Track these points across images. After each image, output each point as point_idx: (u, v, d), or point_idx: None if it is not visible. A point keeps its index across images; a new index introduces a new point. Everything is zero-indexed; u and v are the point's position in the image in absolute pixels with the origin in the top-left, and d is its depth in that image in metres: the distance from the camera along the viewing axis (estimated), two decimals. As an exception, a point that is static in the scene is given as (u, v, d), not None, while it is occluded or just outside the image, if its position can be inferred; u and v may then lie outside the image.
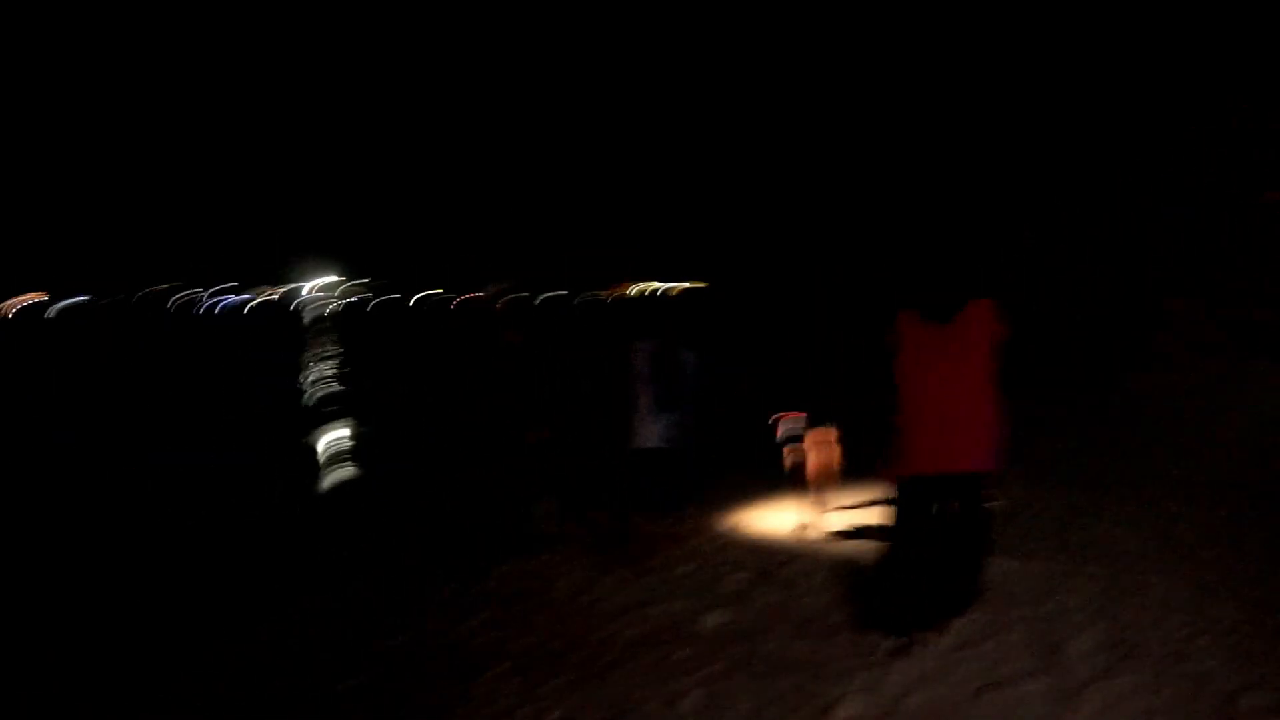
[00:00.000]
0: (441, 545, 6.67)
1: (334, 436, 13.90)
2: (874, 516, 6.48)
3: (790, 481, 6.51)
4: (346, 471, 11.29)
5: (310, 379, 22.98)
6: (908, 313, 4.45)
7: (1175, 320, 18.55)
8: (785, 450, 6.50)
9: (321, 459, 12.22)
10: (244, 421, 15.67)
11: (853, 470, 6.44)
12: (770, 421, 6.58)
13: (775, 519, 6.72)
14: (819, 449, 6.28)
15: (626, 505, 6.56)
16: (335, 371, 25.11)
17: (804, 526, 6.30)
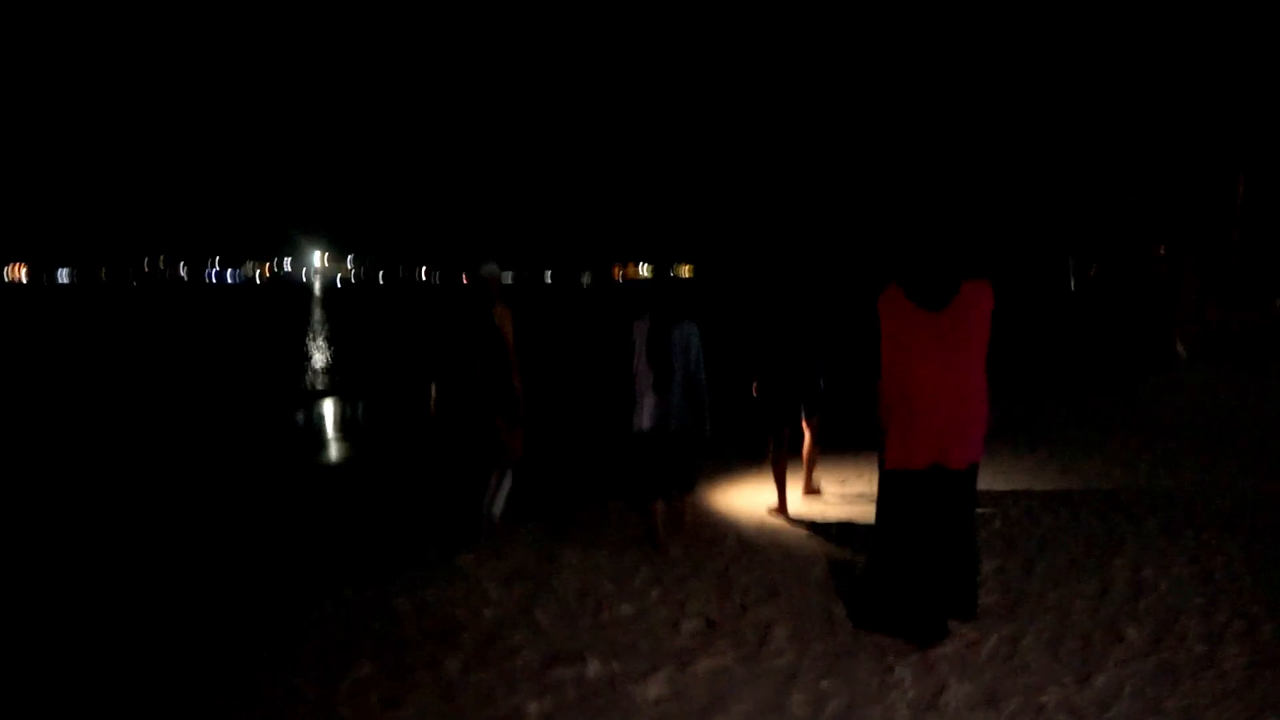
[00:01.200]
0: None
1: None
2: (855, 505, 6.63)
3: (772, 464, 6.48)
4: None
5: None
6: (894, 293, 4.07)
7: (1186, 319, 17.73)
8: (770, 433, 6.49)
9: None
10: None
11: (835, 452, 6.85)
12: (757, 406, 6.54)
13: (753, 506, 6.70)
14: (792, 433, 6.50)
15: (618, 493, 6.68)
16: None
17: (777, 511, 6.44)
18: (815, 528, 6.09)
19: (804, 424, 6.72)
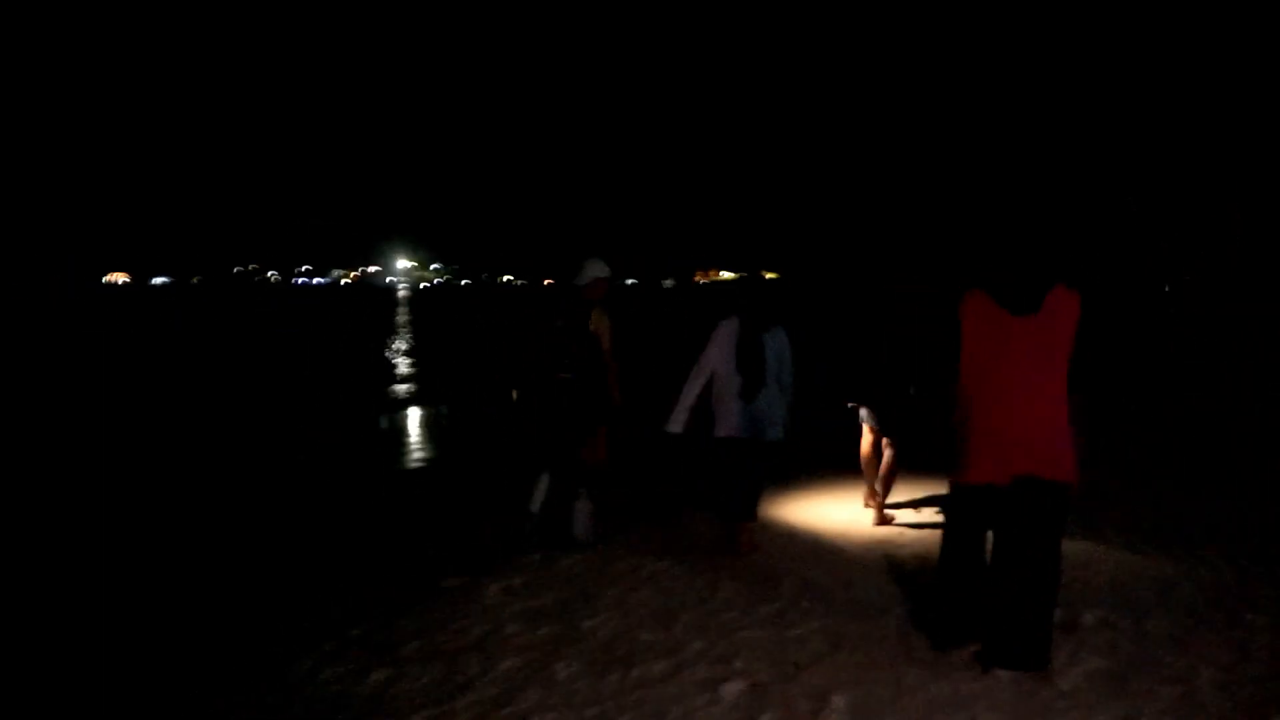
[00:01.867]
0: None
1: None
2: (933, 540, 5.50)
3: (864, 470, 6.34)
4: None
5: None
6: (978, 295, 3.81)
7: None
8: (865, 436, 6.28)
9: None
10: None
11: (910, 474, 6.39)
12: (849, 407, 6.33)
13: (821, 530, 6.14)
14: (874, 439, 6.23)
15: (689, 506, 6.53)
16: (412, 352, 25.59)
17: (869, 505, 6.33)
18: (888, 566, 5.35)
19: (884, 443, 6.18)
